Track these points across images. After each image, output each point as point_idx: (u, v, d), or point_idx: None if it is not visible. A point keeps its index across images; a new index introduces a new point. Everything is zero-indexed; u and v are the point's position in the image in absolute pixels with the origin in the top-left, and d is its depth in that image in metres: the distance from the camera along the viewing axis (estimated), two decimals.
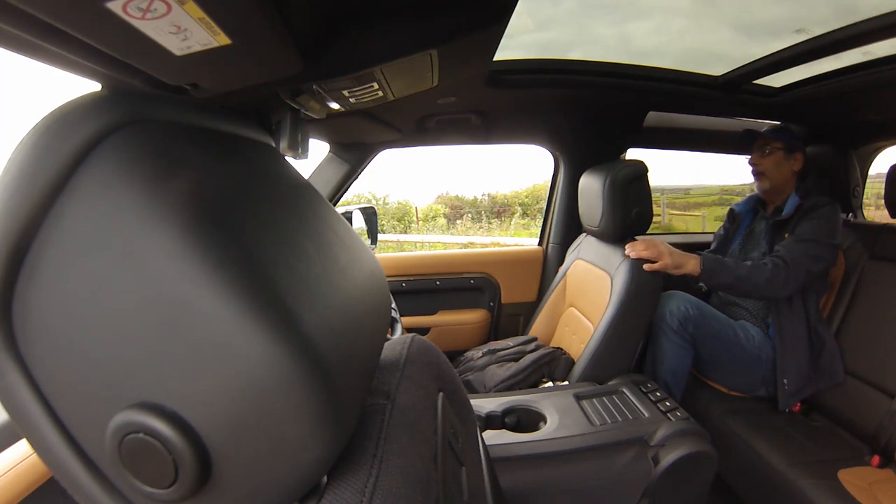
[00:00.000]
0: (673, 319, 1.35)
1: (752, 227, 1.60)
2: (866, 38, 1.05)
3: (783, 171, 1.49)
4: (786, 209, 1.46)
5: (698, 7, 1.15)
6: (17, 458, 0.56)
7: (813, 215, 1.40)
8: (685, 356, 1.37)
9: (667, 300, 1.39)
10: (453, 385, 0.52)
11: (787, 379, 1.37)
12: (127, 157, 0.24)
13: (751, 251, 1.55)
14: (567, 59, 1.35)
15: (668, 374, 1.37)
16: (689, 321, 1.36)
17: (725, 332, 1.40)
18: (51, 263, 0.23)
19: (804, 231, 1.38)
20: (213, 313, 0.23)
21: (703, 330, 1.37)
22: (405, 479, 0.31)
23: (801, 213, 1.42)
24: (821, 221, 1.39)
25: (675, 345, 1.36)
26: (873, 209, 2.84)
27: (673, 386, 1.37)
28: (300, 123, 0.51)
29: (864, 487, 1.10)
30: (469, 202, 12.68)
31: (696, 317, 1.36)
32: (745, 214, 1.63)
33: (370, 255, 0.42)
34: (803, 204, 1.43)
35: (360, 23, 0.43)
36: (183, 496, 0.24)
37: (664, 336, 1.37)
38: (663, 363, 1.37)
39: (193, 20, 0.24)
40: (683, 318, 1.35)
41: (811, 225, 1.39)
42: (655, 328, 1.38)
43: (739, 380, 1.45)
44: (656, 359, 1.38)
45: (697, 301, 1.40)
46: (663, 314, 1.37)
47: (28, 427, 0.25)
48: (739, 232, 1.63)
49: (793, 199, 1.47)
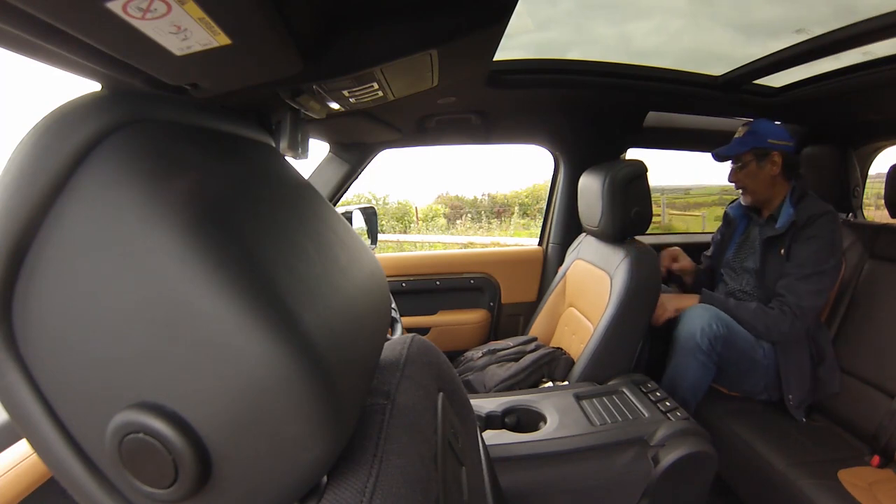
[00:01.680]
0: (703, 339, 1.28)
1: (748, 232, 1.55)
2: (866, 38, 1.05)
3: (762, 180, 1.42)
4: (780, 221, 1.39)
5: (696, 7, 1.15)
6: (17, 458, 0.56)
7: (810, 233, 1.33)
8: (708, 374, 1.32)
9: (694, 317, 1.32)
10: (453, 385, 0.52)
11: (791, 395, 1.36)
12: (127, 157, 0.24)
13: (746, 259, 1.51)
14: (567, 59, 1.35)
15: (689, 392, 1.32)
16: (718, 341, 1.29)
17: (747, 348, 1.35)
18: (51, 263, 0.23)
19: (803, 259, 1.32)
20: (213, 313, 0.23)
21: (731, 348, 1.32)
22: (405, 479, 0.31)
23: (795, 229, 1.35)
24: (819, 243, 1.32)
25: (701, 364, 1.29)
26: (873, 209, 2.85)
27: (691, 401, 1.33)
28: (300, 123, 0.51)
29: (864, 487, 1.10)
30: (469, 202, 12.69)
31: (725, 336, 1.30)
32: (739, 219, 1.58)
33: (370, 255, 0.42)
34: (798, 220, 1.35)
35: (360, 23, 0.43)
36: (183, 496, 0.24)
37: (691, 356, 1.29)
38: (685, 380, 1.31)
39: (193, 20, 0.24)
40: (714, 338, 1.28)
41: (810, 250, 1.32)
42: (681, 346, 1.31)
43: (744, 385, 1.43)
44: (677, 375, 1.32)
45: (725, 317, 1.32)
46: (692, 333, 1.29)
47: (28, 427, 0.25)
48: (734, 238, 1.58)
49: (786, 209, 1.39)
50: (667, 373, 1.36)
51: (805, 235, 1.34)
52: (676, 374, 1.33)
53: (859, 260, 1.50)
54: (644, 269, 1.26)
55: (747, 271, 1.50)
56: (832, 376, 1.39)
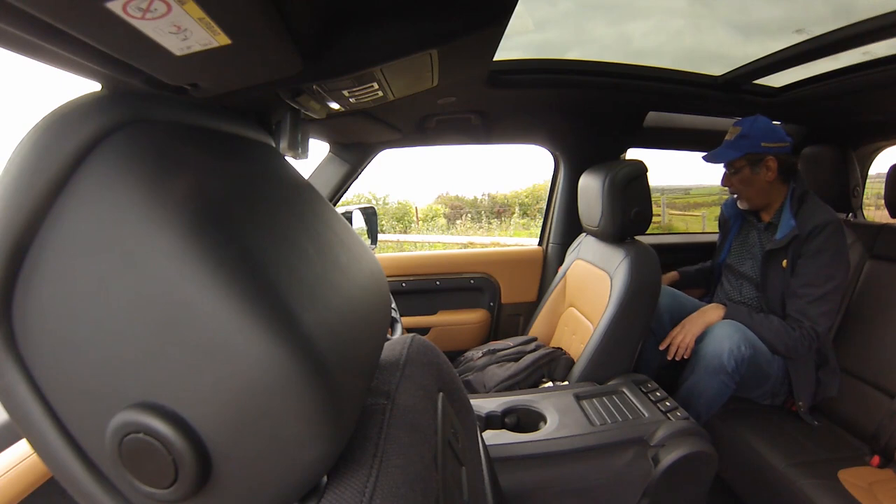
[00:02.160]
0: (731, 362, 1.23)
1: (745, 234, 1.52)
2: (866, 38, 1.05)
3: (757, 186, 1.36)
4: (780, 232, 1.33)
5: (695, 7, 1.15)
6: (17, 458, 0.56)
7: (816, 246, 1.27)
8: (727, 393, 1.29)
9: (723, 337, 1.26)
10: (453, 385, 0.52)
11: (801, 402, 1.35)
12: (127, 157, 0.24)
13: (745, 261, 1.49)
14: (567, 59, 1.35)
15: (703, 407, 1.30)
16: (744, 363, 1.25)
17: (764, 364, 1.31)
18: (51, 263, 0.23)
19: (812, 276, 1.27)
20: (213, 313, 0.23)
21: (752, 366, 1.28)
22: (405, 479, 0.31)
23: (798, 243, 1.30)
24: (826, 257, 1.27)
25: (723, 384, 1.26)
26: (873, 209, 2.85)
27: (704, 415, 1.31)
28: (300, 123, 0.51)
29: (864, 487, 1.10)
30: (469, 202, 12.69)
31: (750, 357, 1.25)
32: (733, 218, 1.53)
33: (370, 255, 0.42)
34: (801, 232, 1.29)
35: (360, 23, 0.43)
36: (183, 496, 0.24)
37: (714, 375, 1.25)
38: (703, 396, 1.28)
39: (193, 20, 0.24)
40: (741, 361, 1.24)
41: (817, 265, 1.27)
42: (705, 364, 1.26)
43: (752, 394, 1.42)
44: (695, 391, 1.29)
45: (752, 337, 1.28)
46: (719, 353, 1.24)
47: (28, 427, 0.25)
48: (729, 238, 1.55)
49: (786, 218, 1.33)
50: (685, 385, 1.32)
51: (811, 249, 1.28)
52: (695, 389, 1.29)
53: (859, 260, 1.50)
54: (644, 269, 1.26)
55: (746, 278, 1.48)
56: (832, 379, 1.39)
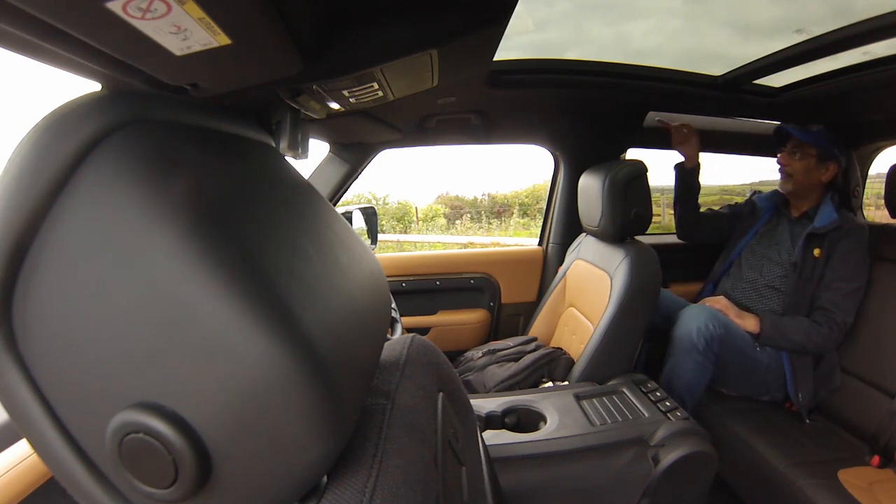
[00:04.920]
0: (700, 339, 1.30)
1: (774, 224, 1.56)
2: (866, 38, 1.05)
3: (811, 179, 1.45)
4: (819, 220, 1.41)
5: (692, 8, 1.15)
6: (17, 458, 0.56)
7: (850, 245, 1.36)
8: (705, 374, 1.33)
9: (691, 317, 1.34)
10: (453, 385, 0.52)
11: (801, 393, 1.37)
12: (127, 157, 0.24)
13: (768, 248, 1.52)
14: (567, 59, 1.35)
15: (685, 390, 1.34)
16: (715, 341, 1.31)
17: (746, 349, 1.37)
18: (51, 263, 0.23)
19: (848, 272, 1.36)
20: (213, 313, 0.23)
21: (728, 349, 1.34)
22: (405, 479, 0.31)
23: (838, 235, 1.37)
24: (858, 256, 1.36)
25: (698, 363, 1.31)
26: (873, 209, 2.84)
27: (688, 400, 1.34)
28: (300, 123, 0.51)
29: (864, 487, 1.10)
30: (469, 202, 12.67)
31: (722, 336, 1.32)
32: (765, 210, 1.59)
33: (370, 255, 0.42)
34: (842, 224, 1.38)
35: (360, 23, 0.43)
36: (183, 496, 0.24)
37: (687, 354, 1.32)
38: (681, 379, 1.33)
39: (193, 20, 0.24)
40: (710, 339, 1.30)
41: (852, 262, 1.36)
42: (677, 345, 1.34)
43: (747, 386, 1.44)
44: (674, 374, 1.35)
45: (723, 318, 1.36)
46: (688, 331, 1.31)
47: (28, 427, 0.25)
48: (756, 226, 1.59)
49: (828, 210, 1.41)
50: (664, 371, 1.38)
51: (846, 247, 1.37)
52: (673, 373, 1.35)
53: None
54: (644, 270, 1.26)
55: (773, 262, 1.50)
56: (832, 371, 1.39)
